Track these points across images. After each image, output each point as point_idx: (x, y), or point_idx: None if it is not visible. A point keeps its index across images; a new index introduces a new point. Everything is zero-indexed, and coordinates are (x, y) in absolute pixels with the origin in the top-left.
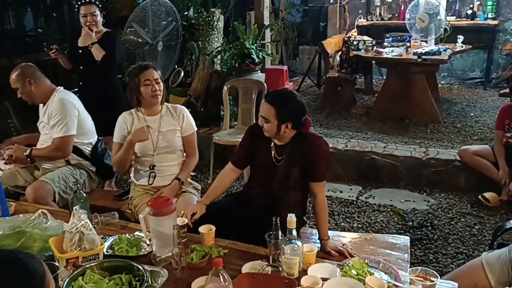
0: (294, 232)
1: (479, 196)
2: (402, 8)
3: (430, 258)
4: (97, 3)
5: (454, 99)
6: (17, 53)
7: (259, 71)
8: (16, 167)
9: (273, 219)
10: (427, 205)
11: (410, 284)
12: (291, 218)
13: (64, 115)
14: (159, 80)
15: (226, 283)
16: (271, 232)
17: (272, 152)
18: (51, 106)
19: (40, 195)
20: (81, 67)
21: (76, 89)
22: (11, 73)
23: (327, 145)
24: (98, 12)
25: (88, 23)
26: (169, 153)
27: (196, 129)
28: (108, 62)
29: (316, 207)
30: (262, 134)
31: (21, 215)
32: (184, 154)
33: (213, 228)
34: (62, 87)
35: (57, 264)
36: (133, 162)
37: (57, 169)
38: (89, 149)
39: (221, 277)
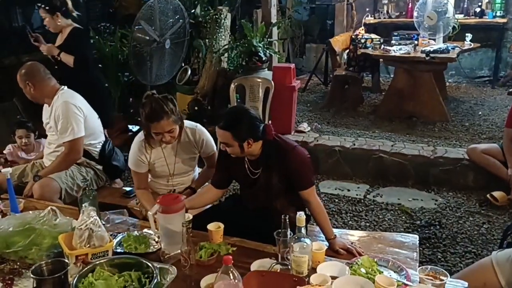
0: (303, 230)
1: (488, 195)
2: (410, 6)
3: (439, 257)
4: (44, 6)
5: (462, 98)
6: (24, 51)
7: (266, 69)
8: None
9: (282, 217)
10: (435, 204)
11: (420, 283)
12: (300, 216)
13: (70, 119)
14: (173, 129)
15: (236, 281)
16: (279, 230)
17: (247, 168)
18: (56, 108)
19: (46, 191)
20: (56, 67)
21: None
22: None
23: (304, 151)
24: (46, 15)
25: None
26: (185, 173)
27: (215, 148)
28: (81, 64)
29: (313, 212)
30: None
31: (30, 212)
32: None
33: (222, 225)
34: (65, 87)
35: (66, 260)
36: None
37: None
38: (97, 150)
39: (231, 274)
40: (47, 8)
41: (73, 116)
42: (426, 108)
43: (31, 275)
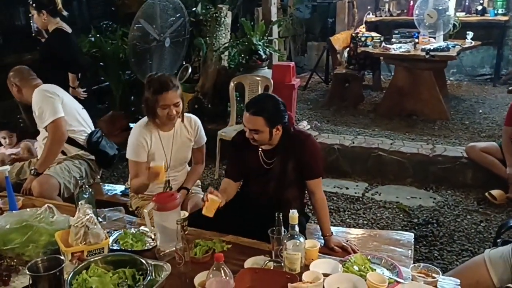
0: (297, 228)
1: (486, 194)
2: (411, 4)
3: (435, 255)
4: (32, 2)
5: (463, 96)
6: (26, 49)
7: (266, 67)
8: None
9: (276, 215)
10: (433, 202)
11: (412, 280)
12: (293, 214)
13: (44, 103)
14: (179, 103)
15: (227, 278)
16: (273, 228)
17: (261, 158)
18: (33, 100)
19: (46, 189)
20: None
21: None
22: None
23: (317, 142)
24: (33, 12)
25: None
26: (180, 165)
27: (206, 139)
28: (60, 65)
29: (316, 205)
30: (247, 144)
31: (28, 209)
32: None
33: (220, 199)
34: (48, 84)
35: (62, 257)
36: None
37: (58, 163)
38: (83, 137)
39: (222, 271)
40: (34, 5)
41: (47, 100)
42: (426, 106)
43: (27, 272)
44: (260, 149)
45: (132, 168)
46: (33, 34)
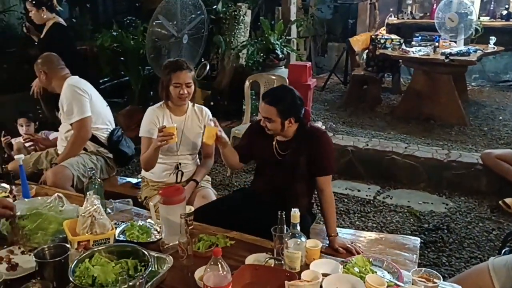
0: (298, 227)
1: (500, 202)
2: (435, 7)
3: (443, 261)
4: (31, 0)
5: (484, 102)
6: None
7: (283, 67)
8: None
9: (279, 213)
10: (445, 208)
11: (412, 284)
12: (295, 213)
13: (74, 100)
14: (191, 84)
15: (225, 273)
16: (276, 226)
17: (275, 148)
18: (62, 94)
19: (59, 179)
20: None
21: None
22: None
23: (331, 140)
24: (33, 8)
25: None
26: (190, 154)
27: None
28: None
29: (324, 202)
30: (263, 132)
31: (39, 197)
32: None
33: (217, 127)
34: (76, 76)
35: (68, 245)
36: None
37: (76, 156)
38: (105, 135)
39: (219, 266)
40: (34, 2)
41: (77, 98)
42: (444, 111)
43: (34, 258)
44: (275, 140)
45: (144, 145)
46: (26, 32)
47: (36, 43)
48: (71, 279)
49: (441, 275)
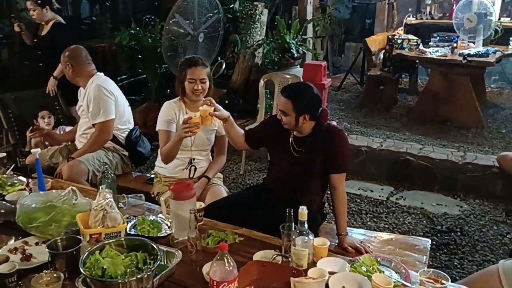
0: (306, 225)
1: None
2: (454, 7)
3: (455, 263)
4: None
5: (503, 104)
6: (79, 37)
7: (299, 66)
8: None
9: (287, 211)
10: (459, 210)
11: (420, 285)
12: (303, 210)
13: (101, 101)
14: (205, 80)
15: (231, 267)
16: (285, 223)
17: (291, 144)
18: (89, 92)
19: (74, 173)
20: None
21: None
22: None
23: (347, 138)
24: (36, 8)
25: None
26: (203, 150)
27: None
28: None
29: (336, 200)
30: (280, 125)
31: (54, 190)
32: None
33: (212, 106)
34: (102, 73)
35: (80, 238)
36: None
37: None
38: (124, 135)
39: (226, 260)
40: (39, 1)
41: (104, 99)
42: (461, 113)
43: (47, 249)
44: (292, 135)
45: (162, 138)
46: (20, 31)
47: (35, 41)
48: (81, 270)
49: (453, 278)
